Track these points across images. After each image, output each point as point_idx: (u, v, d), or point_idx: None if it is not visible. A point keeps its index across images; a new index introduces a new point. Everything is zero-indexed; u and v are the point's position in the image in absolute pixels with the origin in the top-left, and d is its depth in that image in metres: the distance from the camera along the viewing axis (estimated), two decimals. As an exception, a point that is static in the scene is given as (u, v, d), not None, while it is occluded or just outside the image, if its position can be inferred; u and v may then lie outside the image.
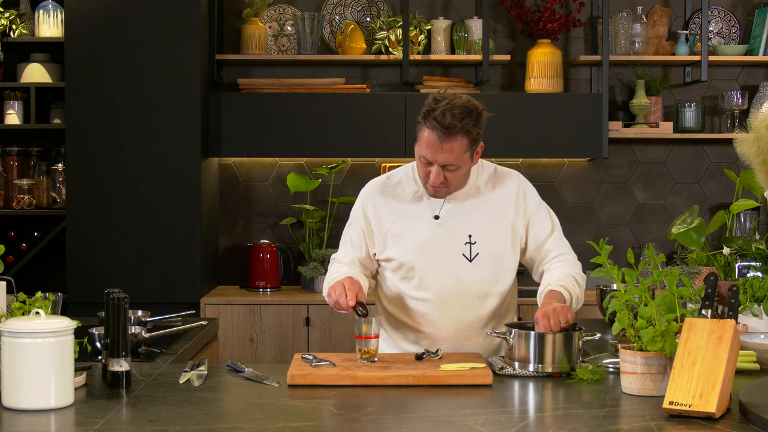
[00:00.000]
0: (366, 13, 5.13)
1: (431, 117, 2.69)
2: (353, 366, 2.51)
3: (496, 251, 2.85)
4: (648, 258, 2.40)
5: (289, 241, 5.15)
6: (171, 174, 4.59)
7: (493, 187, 2.90)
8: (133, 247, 4.59)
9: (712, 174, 5.21)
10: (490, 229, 2.86)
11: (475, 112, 2.71)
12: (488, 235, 2.85)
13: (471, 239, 2.84)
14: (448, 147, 2.70)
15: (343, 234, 3.01)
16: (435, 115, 2.68)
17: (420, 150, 2.75)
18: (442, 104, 2.69)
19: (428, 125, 2.70)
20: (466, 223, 2.85)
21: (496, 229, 2.86)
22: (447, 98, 2.70)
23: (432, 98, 2.72)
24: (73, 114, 4.59)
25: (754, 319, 3.02)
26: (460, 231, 2.84)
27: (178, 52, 4.58)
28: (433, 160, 2.73)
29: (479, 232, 2.84)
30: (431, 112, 2.69)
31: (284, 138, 4.81)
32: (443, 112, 2.67)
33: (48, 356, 2.15)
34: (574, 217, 5.11)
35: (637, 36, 4.97)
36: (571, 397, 2.34)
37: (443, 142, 2.69)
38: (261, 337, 4.63)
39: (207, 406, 2.23)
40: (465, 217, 2.85)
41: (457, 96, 2.72)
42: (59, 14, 4.90)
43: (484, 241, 2.84)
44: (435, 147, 2.70)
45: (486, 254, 2.84)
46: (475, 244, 2.84)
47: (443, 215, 2.85)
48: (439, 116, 2.67)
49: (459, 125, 2.67)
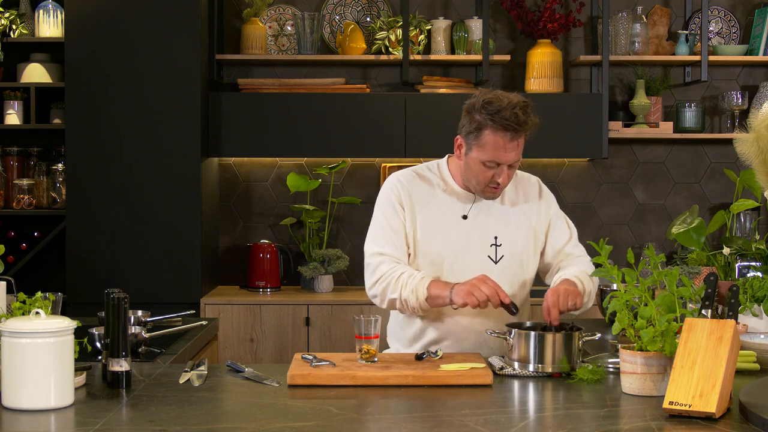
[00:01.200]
0: (366, 13, 5.13)
1: (500, 117, 2.66)
2: (353, 366, 2.51)
3: (520, 254, 2.87)
4: (648, 258, 2.40)
5: (289, 241, 5.15)
6: (171, 174, 4.59)
7: (516, 191, 2.92)
8: (133, 247, 4.59)
9: (712, 174, 5.21)
10: (515, 232, 2.87)
11: (529, 104, 2.73)
12: (513, 238, 2.86)
13: (497, 241, 2.85)
14: (516, 144, 2.71)
15: (375, 224, 2.88)
16: (505, 115, 2.66)
17: (485, 156, 2.72)
18: (502, 104, 2.67)
19: (497, 126, 2.68)
20: (493, 224, 2.86)
21: (520, 232, 2.88)
22: (500, 97, 2.69)
23: (483, 101, 2.70)
24: (73, 114, 4.59)
25: (754, 319, 3.02)
26: (487, 232, 2.85)
27: (178, 52, 4.58)
28: (504, 161, 2.73)
29: (504, 235, 2.86)
30: (498, 113, 2.67)
31: (284, 138, 4.81)
32: (511, 111, 2.66)
33: (48, 356, 2.14)
34: (574, 217, 5.06)
35: (637, 36, 4.97)
36: (571, 397, 2.34)
37: (513, 140, 2.70)
38: (261, 337, 4.63)
39: (207, 406, 2.22)
40: (491, 219, 2.86)
41: (505, 93, 2.72)
42: (59, 14, 4.90)
43: (509, 244, 2.85)
44: (506, 147, 2.70)
45: (510, 257, 2.85)
46: (500, 246, 2.85)
47: (471, 216, 2.85)
48: (510, 115, 2.66)
49: (529, 120, 2.69)
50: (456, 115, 5.13)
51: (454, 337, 2.87)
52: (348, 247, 5.13)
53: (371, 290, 2.83)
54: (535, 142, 4.80)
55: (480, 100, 2.71)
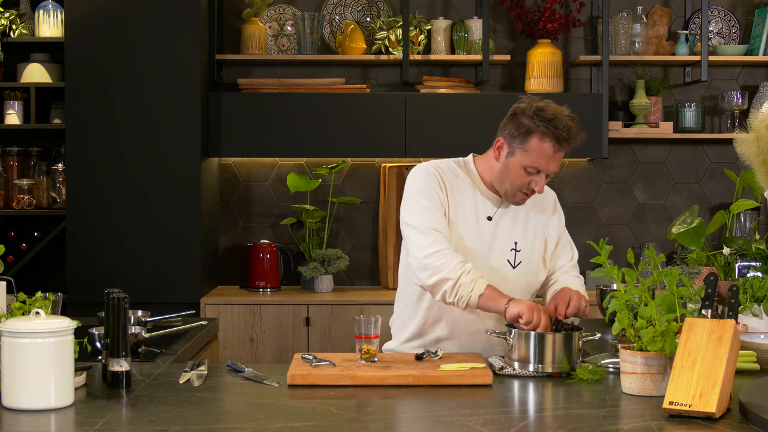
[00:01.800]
0: (366, 13, 5.13)
1: (553, 126, 2.69)
2: (353, 366, 2.51)
3: (535, 262, 2.90)
4: (648, 258, 2.40)
5: (289, 241, 5.15)
6: (171, 174, 4.59)
7: (534, 201, 2.93)
8: (133, 247, 4.59)
9: (712, 174, 5.20)
10: (532, 240, 2.90)
11: (576, 119, 2.76)
12: (530, 245, 2.89)
13: (516, 246, 2.86)
14: (559, 156, 2.75)
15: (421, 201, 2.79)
16: (558, 125, 2.69)
17: (529, 161, 2.73)
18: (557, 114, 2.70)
19: (548, 134, 2.69)
20: (514, 229, 2.88)
21: (537, 241, 2.91)
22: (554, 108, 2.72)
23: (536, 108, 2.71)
24: (73, 114, 4.59)
25: (754, 319, 3.02)
26: (508, 237, 2.86)
27: (178, 52, 4.58)
28: (545, 170, 2.75)
29: (523, 241, 2.88)
30: (552, 122, 2.69)
31: (284, 138, 4.81)
32: (565, 122, 2.69)
33: (48, 356, 2.14)
34: (574, 217, 5.11)
35: (637, 36, 4.97)
36: (571, 397, 2.34)
37: (559, 151, 2.73)
38: (261, 337, 4.63)
39: (207, 406, 2.22)
40: (513, 224, 2.88)
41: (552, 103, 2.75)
42: (59, 14, 4.90)
43: (526, 250, 2.88)
44: (551, 157, 2.73)
45: (527, 263, 2.88)
46: (519, 252, 2.87)
47: (495, 218, 2.86)
48: (563, 127, 2.69)
49: (579, 135, 2.74)
50: (456, 115, 5.14)
51: (456, 337, 2.87)
52: (348, 247, 5.13)
53: (426, 260, 2.70)
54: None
55: (532, 106, 2.72)
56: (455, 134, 4.74)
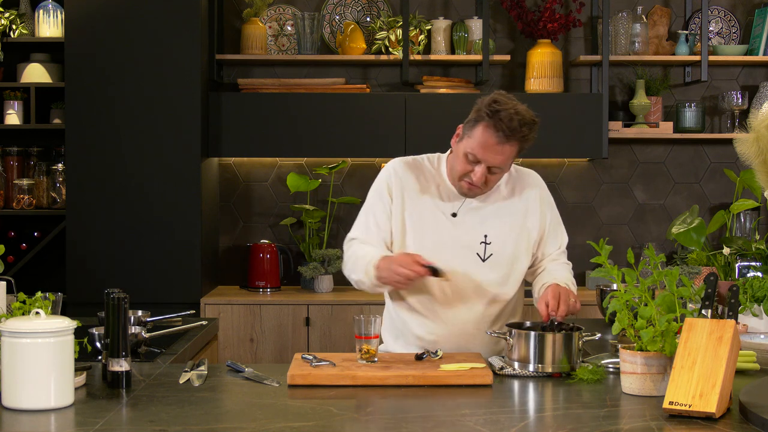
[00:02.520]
0: (366, 13, 5.13)
1: (496, 117, 2.67)
2: (353, 366, 2.51)
3: (510, 253, 2.87)
4: (648, 258, 2.40)
5: (289, 241, 5.15)
6: (171, 174, 4.59)
7: (513, 189, 2.91)
8: (133, 247, 4.59)
9: (712, 174, 5.20)
10: (507, 230, 2.87)
11: (533, 122, 2.73)
12: (504, 237, 2.86)
13: (486, 239, 2.85)
14: (503, 150, 2.71)
15: (362, 212, 2.96)
16: (501, 117, 2.67)
17: (470, 147, 2.73)
18: (507, 107, 2.68)
19: (490, 124, 2.68)
20: (483, 223, 2.86)
21: (513, 231, 2.88)
22: (510, 102, 2.71)
23: (492, 99, 2.71)
24: (73, 114, 4.59)
25: (754, 319, 3.02)
26: (477, 230, 2.85)
27: (178, 52, 4.58)
28: (483, 160, 2.73)
29: (495, 233, 2.86)
30: (496, 113, 2.68)
31: (284, 138, 4.81)
32: (509, 115, 2.67)
33: (48, 356, 2.14)
34: (574, 217, 5.11)
35: (637, 36, 4.97)
36: (571, 397, 2.34)
37: (501, 144, 2.70)
38: (261, 337, 4.63)
39: (207, 406, 2.22)
40: (482, 217, 2.86)
41: (518, 102, 2.73)
42: (59, 14, 4.90)
43: (498, 243, 2.85)
44: (491, 148, 2.70)
45: (499, 255, 2.86)
46: (490, 244, 2.85)
47: (461, 214, 2.85)
48: (506, 119, 2.67)
49: (521, 132, 2.69)
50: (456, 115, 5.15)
51: (446, 338, 2.87)
52: (348, 247, 5.12)
53: (345, 273, 2.96)
54: (535, 142, 4.83)
55: (490, 97, 2.72)
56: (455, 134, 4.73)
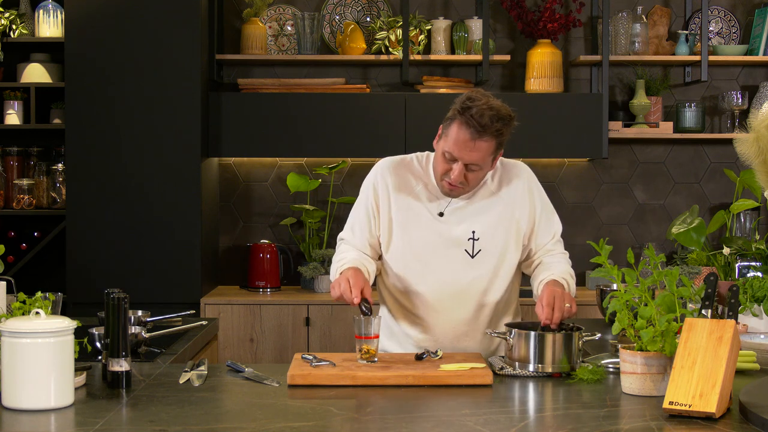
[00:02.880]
0: (366, 13, 5.13)
1: (468, 114, 2.67)
2: (353, 366, 2.51)
3: (499, 248, 2.85)
4: (648, 258, 2.40)
5: (289, 241, 5.15)
6: (171, 174, 4.59)
7: (500, 182, 2.90)
8: (133, 247, 4.59)
9: (712, 174, 5.21)
10: (495, 226, 2.85)
11: (507, 117, 2.71)
12: (492, 232, 2.85)
13: (474, 235, 2.84)
14: (478, 146, 2.70)
15: (351, 211, 3.00)
16: (472, 113, 2.66)
17: (446, 146, 2.73)
18: (479, 103, 2.68)
19: (462, 121, 2.68)
20: (471, 219, 2.85)
21: (501, 226, 2.86)
22: (483, 99, 2.70)
23: (466, 97, 2.71)
24: (73, 114, 4.59)
25: (754, 319, 3.02)
26: (464, 228, 2.84)
27: (178, 52, 4.58)
28: (459, 158, 2.72)
29: (483, 229, 2.84)
30: (468, 110, 2.68)
31: (284, 138, 4.81)
32: (481, 111, 2.66)
33: (48, 356, 2.14)
34: (574, 217, 5.11)
35: (637, 36, 4.97)
36: (571, 397, 2.34)
37: (474, 141, 2.69)
38: (261, 337, 4.63)
39: (207, 406, 2.22)
40: (469, 214, 2.85)
41: (491, 98, 2.73)
42: (59, 14, 4.90)
43: (487, 238, 2.84)
44: (465, 145, 2.69)
45: (488, 250, 2.84)
46: (478, 240, 2.84)
47: (447, 213, 2.85)
48: (477, 114, 2.66)
49: (493, 126, 2.67)
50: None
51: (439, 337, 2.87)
52: (348, 247, 5.12)
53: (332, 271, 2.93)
54: (535, 142, 4.84)
55: (465, 95, 2.73)
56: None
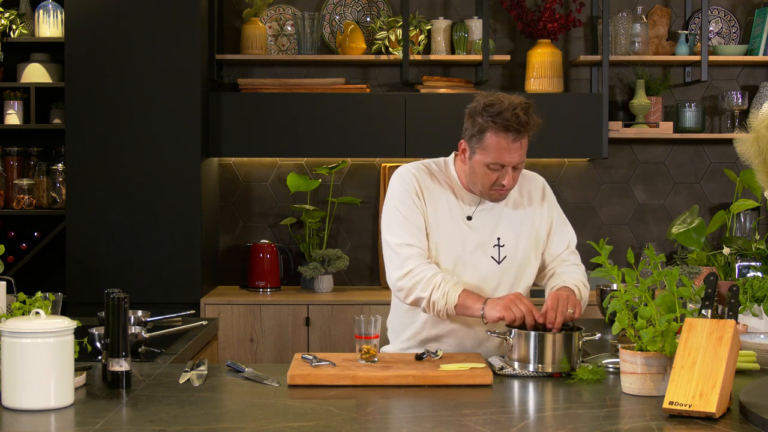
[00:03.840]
0: (366, 13, 5.13)
1: (501, 118, 2.66)
2: (353, 366, 2.51)
3: (523, 255, 2.87)
4: (648, 258, 2.40)
5: (289, 241, 5.15)
6: (171, 174, 4.59)
7: (520, 190, 2.91)
8: (133, 247, 4.59)
9: (712, 174, 5.20)
10: (518, 233, 2.87)
11: (531, 104, 2.72)
12: (516, 239, 2.87)
13: (500, 242, 2.85)
14: (519, 146, 2.71)
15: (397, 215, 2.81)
16: (506, 117, 2.65)
17: (488, 157, 2.71)
18: (503, 105, 2.67)
19: (498, 128, 2.67)
20: (496, 225, 2.86)
21: (523, 233, 2.88)
22: (500, 99, 2.70)
23: (484, 104, 2.70)
24: (73, 114, 4.59)
25: (754, 319, 3.02)
26: (490, 233, 2.85)
27: (178, 52, 4.58)
28: (509, 163, 2.72)
29: (507, 235, 2.86)
30: (499, 115, 2.66)
31: (284, 138, 4.81)
32: (513, 112, 2.66)
33: (48, 356, 2.14)
34: (574, 217, 5.10)
35: (637, 36, 4.97)
36: (571, 397, 2.34)
37: (515, 141, 2.69)
38: (261, 337, 4.63)
39: (207, 406, 2.23)
40: (495, 220, 2.86)
41: (504, 95, 2.73)
42: (59, 14, 4.90)
43: (511, 245, 2.86)
44: (509, 149, 2.69)
45: (513, 257, 2.86)
46: (503, 247, 2.85)
47: (475, 217, 2.85)
48: (511, 116, 2.65)
49: (531, 120, 2.68)
50: (456, 115, 5.12)
51: (454, 336, 2.87)
52: (348, 247, 5.13)
53: (399, 282, 2.78)
54: (535, 142, 4.80)
55: (481, 103, 2.71)
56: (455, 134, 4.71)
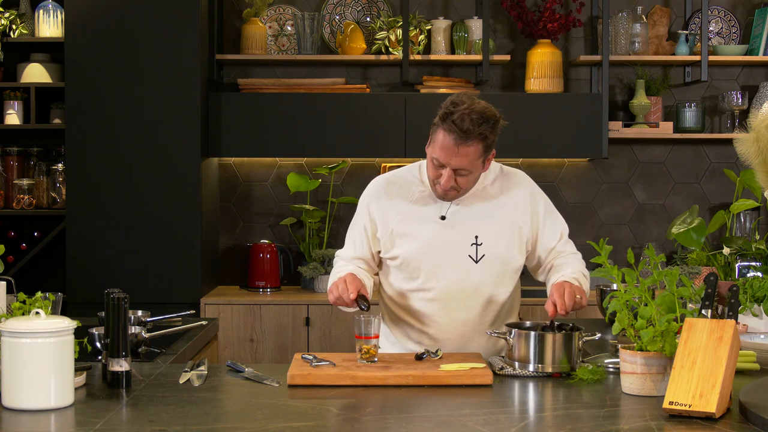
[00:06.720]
0: (366, 13, 5.13)
1: (449, 120, 2.66)
2: (353, 366, 2.51)
3: (502, 253, 2.85)
4: (648, 258, 2.40)
5: (289, 241, 5.15)
6: (171, 174, 4.59)
7: (501, 188, 2.90)
8: (133, 247, 4.59)
9: (712, 174, 5.21)
10: (497, 230, 2.85)
11: (492, 118, 2.70)
12: (495, 237, 2.85)
13: (477, 240, 2.84)
14: (463, 152, 2.69)
15: (348, 229, 3.01)
16: (453, 119, 2.66)
17: (433, 152, 2.73)
18: (461, 108, 2.67)
19: (445, 128, 2.68)
20: (473, 224, 2.84)
21: (503, 230, 2.86)
22: (466, 102, 2.68)
23: (450, 101, 2.70)
24: (73, 114, 4.59)
25: (754, 319, 3.02)
26: (467, 232, 2.84)
27: (178, 52, 4.58)
28: (447, 164, 2.71)
29: (486, 234, 2.84)
30: (449, 115, 2.67)
31: (284, 138, 4.81)
32: (462, 116, 2.65)
33: (48, 356, 2.15)
34: (574, 217, 5.11)
35: (637, 36, 4.97)
36: (571, 397, 2.34)
37: (459, 146, 2.68)
38: (261, 337, 4.63)
39: (207, 406, 2.23)
40: (472, 218, 2.85)
41: (475, 101, 2.71)
42: (59, 14, 4.90)
43: (490, 243, 2.84)
44: (450, 150, 2.69)
45: (492, 256, 2.84)
46: (481, 245, 2.84)
47: (450, 216, 2.84)
48: (458, 120, 2.65)
49: (476, 131, 2.66)
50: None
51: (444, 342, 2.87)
52: (348, 247, 5.12)
53: None
54: (535, 142, 4.84)
55: (449, 100, 2.72)
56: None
